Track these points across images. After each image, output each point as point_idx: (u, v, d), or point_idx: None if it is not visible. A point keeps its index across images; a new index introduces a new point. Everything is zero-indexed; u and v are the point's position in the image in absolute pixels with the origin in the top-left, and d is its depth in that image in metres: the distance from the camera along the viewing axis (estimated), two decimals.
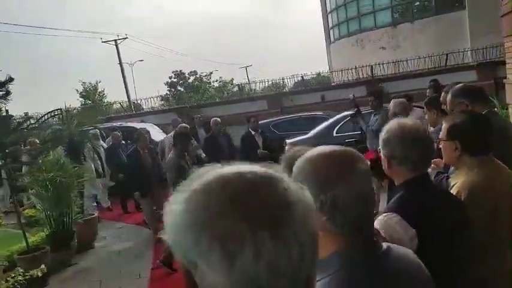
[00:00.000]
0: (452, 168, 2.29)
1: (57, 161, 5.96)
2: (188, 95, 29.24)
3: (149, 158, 6.68)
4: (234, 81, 44.77)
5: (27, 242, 5.55)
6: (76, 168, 6.30)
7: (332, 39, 23.87)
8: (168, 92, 39.75)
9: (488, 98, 3.78)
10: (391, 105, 5.06)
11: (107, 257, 6.39)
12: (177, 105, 16.20)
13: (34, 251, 5.54)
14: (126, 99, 25.87)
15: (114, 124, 12.12)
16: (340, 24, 22.52)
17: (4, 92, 5.92)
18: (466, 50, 15.14)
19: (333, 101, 14.71)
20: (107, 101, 29.50)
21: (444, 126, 2.10)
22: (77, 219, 6.42)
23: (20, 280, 4.71)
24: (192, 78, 44.36)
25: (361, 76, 16.01)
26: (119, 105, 20.45)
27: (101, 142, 9.07)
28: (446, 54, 14.36)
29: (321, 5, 24.85)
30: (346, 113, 8.47)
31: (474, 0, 16.62)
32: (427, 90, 11.25)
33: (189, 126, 7.49)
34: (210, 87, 38.76)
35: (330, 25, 23.93)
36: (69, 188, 6.08)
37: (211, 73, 45.06)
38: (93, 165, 7.94)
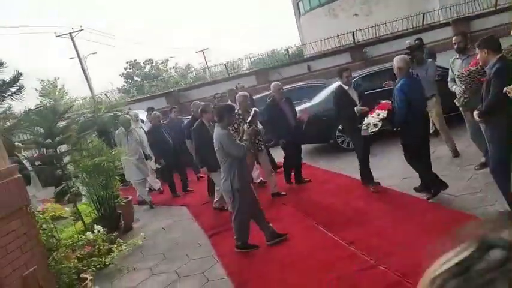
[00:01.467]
0: None
1: (99, 147, 6.09)
2: (150, 84, 28.84)
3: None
4: (190, 67, 44.30)
5: (84, 224, 5.71)
6: (114, 152, 6.44)
7: (302, 11, 24.16)
8: (125, 84, 38.97)
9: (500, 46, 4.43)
10: (395, 61, 5.49)
11: (154, 234, 6.62)
12: (167, 91, 16.17)
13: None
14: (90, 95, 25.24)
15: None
16: None
17: (17, 88, 5.96)
18: (441, 8, 15.82)
19: (320, 70, 15.15)
20: (69, 98, 28.75)
21: None
22: (119, 202, 6.61)
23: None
24: (148, 67, 43.55)
25: (335, 45, 16.40)
26: (81, 102, 19.96)
27: (141, 124, 8.96)
28: (423, 14, 14.96)
29: None
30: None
31: None
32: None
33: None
34: (168, 74, 38.10)
35: None
36: (112, 171, 6.24)
37: (167, 60, 44.30)
38: (140, 149, 7.80)
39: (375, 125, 5.41)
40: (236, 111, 6.18)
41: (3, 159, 3.63)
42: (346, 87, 6.13)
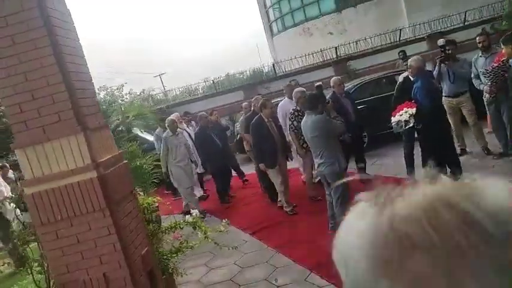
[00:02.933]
0: None
1: (136, 152, 6.10)
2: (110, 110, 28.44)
3: (274, 127, 6.33)
4: (144, 92, 43.82)
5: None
6: (149, 157, 6.44)
7: (276, 31, 24.93)
8: None
9: None
10: (412, 61, 5.97)
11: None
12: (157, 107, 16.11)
13: None
14: None
15: None
16: (284, 17, 23.64)
17: None
18: (410, 25, 16.91)
19: (305, 84, 15.68)
20: None
21: None
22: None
23: None
24: (103, 93, 42.75)
25: (314, 60, 17.06)
26: None
27: (184, 126, 8.55)
28: (400, 30, 15.95)
29: (258, 3, 25.91)
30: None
31: None
32: (398, 61, 12.63)
33: None
34: (122, 100, 37.62)
35: (272, 19, 24.99)
36: (148, 177, 6.24)
37: (122, 86, 43.70)
38: (187, 153, 7.36)
39: (407, 122, 5.79)
40: (294, 107, 6.30)
41: (114, 146, 3.72)
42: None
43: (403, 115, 5.85)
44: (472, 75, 6.21)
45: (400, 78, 7.95)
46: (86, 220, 3.30)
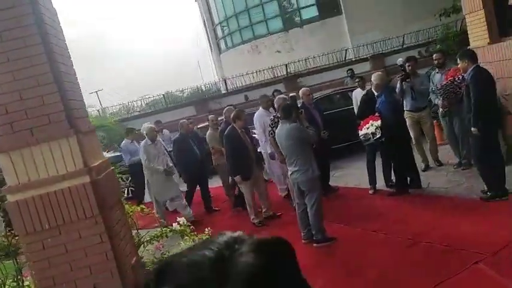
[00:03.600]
0: None
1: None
2: None
3: (247, 138, 6.25)
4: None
5: None
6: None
7: (224, 48, 25.17)
8: None
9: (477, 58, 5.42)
10: (376, 79, 6.37)
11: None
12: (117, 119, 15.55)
13: None
14: None
15: None
16: (232, 34, 23.95)
17: None
18: (353, 47, 17.88)
19: (256, 100, 15.94)
20: None
21: None
22: None
23: None
24: None
25: (258, 79, 17.44)
26: None
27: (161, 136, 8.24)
28: (346, 50, 16.80)
29: (205, 20, 26.10)
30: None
31: (348, 7, 19.69)
32: (347, 79, 13.24)
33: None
34: None
35: (220, 36, 25.23)
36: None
37: None
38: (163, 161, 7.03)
39: (374, 134, 6.11)
40: (275, 114, 6.32)
41: (101, 151, 3.53)
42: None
43: (369, 128, 6.18)
44: (430, 90, 6.66)
45: (354, 94, 8.44)
46: (76, 228, 3.13)
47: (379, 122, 6.08)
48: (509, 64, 5.88)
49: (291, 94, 7.54)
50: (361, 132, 6.19)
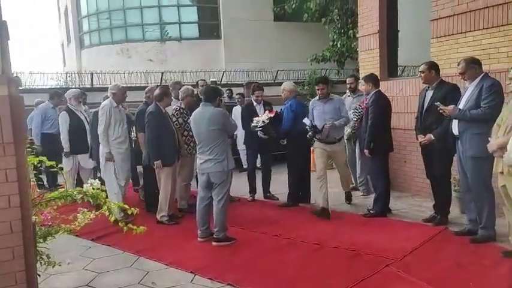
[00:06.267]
0: None
1: None
2: None
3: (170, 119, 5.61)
4: None
5: None
6: None
7: (88, 44, 23.11)
8: None
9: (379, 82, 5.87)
10: (285, 86, 6.57)
11: None
12: None
13: None
14: None
15: None
16: (100, 31, 22.16)
17: None
18: (236, 70, 18.25)
19: (131, 102, 14.80)
20: None
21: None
22: None
23: None
24: None
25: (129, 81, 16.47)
26: None
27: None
28: (224, 72, 17.01)
29: (71, 8, 23.77)
30: None
31: (227, 34, 20.28)
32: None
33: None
34: None
35: (86, 30, 23.13)
36: None
37: None
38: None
39: (263, 122, 6.20)
40: (179, 104, 5.93)
41: None
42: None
43: (262, 117, 6.23)
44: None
45: (234, 112, 8.61)
46: None
47: (272, 115, 6.19)
48: (394, 100, 6.56)
49: (212, 79, 7.25)
50: (255, 119, 6.29)
